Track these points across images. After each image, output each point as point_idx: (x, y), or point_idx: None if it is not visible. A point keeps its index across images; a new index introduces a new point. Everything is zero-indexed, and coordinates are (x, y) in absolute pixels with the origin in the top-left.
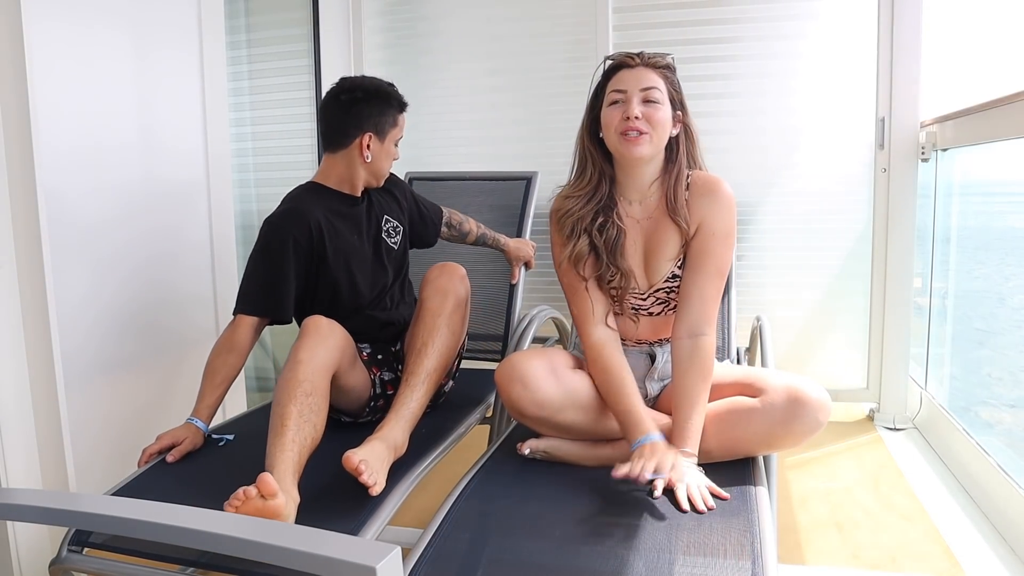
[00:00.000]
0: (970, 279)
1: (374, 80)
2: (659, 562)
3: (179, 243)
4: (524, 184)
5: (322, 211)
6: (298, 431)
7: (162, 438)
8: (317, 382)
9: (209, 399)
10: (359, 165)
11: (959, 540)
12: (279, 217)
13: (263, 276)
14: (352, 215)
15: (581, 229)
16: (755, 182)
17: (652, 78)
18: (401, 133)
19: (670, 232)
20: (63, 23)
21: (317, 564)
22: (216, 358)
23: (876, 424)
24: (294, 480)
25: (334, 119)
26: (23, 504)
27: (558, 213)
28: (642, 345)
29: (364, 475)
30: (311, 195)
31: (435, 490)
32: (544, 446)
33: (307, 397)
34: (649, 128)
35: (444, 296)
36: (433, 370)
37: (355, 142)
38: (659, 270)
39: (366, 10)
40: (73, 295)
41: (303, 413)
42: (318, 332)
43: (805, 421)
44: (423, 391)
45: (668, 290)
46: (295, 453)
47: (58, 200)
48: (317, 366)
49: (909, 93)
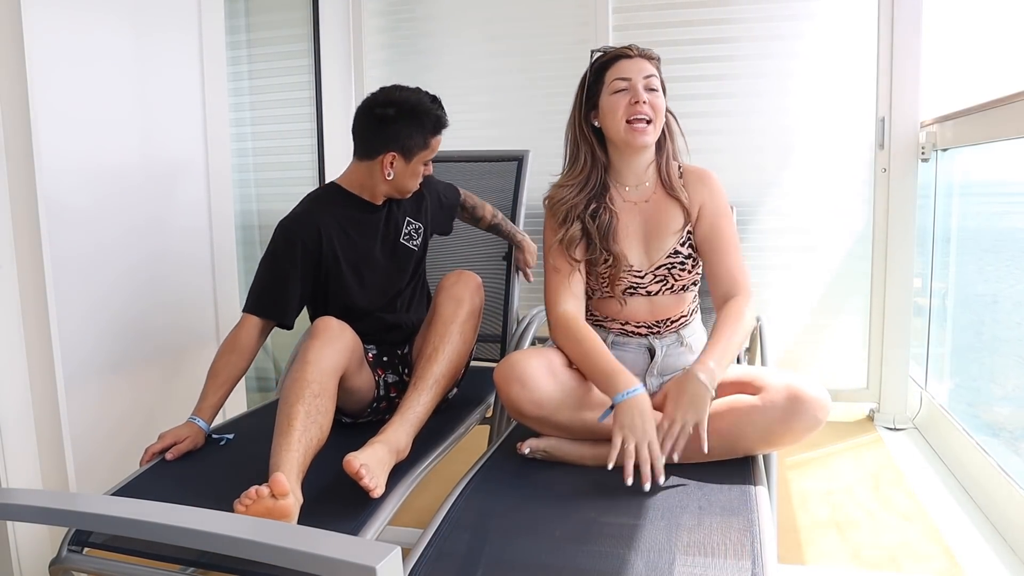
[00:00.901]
0: (979, 282)
1: (414, 96)
2: (659, 562)
3: (179, 243)
4: (516, 164)
5: (336, 217)
6: (304, 431)
7: (164, 437)
8: (325, 383)
9: (211, 399)
10: (380, 180)
11: (959, 540)
12: (291, 221)
13: (267, 279)
14: (369, 221)
15: (574, 216)
16: (755, 182)
17: (651, 67)
18: (432, 154)
19: (672, 210)
20: (63, 23)
21: (317, 564)
22: (219, 358)
23: (876, 424)
24: (298, 480)
25: (364, 131)
26: (23, 504)
27: (551, 200)
28: (640, 337)
29: (365, 479)
30: (328, 198)
31: (435, 490)
32: (544, 445)
33: (315, 398)
34: (653, 115)
35: (458, 304)
36: (442, 376)
37: (379, 158)
38: (661, 247)
39: (366, 10)
40: (73, 295)
41: (310, 414)
42: (328, 333)
43: (804, 418)
44: (430, 396)
45: (669, 266)
46: (300, 453)
47: (58, 200)
48: (326, 367)
49: (909, 93)
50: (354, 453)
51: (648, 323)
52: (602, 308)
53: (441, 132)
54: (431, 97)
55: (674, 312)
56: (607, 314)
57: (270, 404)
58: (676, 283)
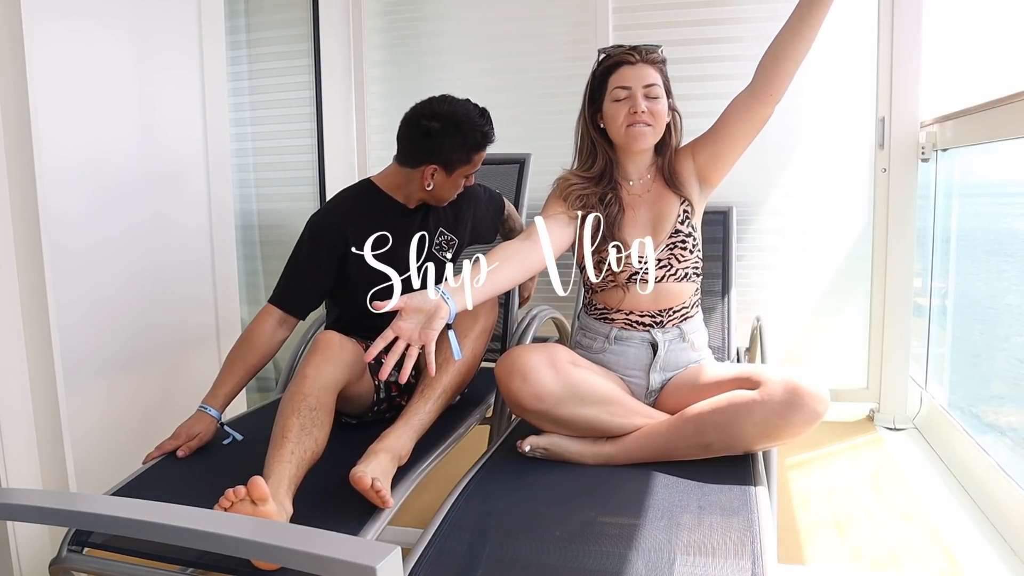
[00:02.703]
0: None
1: (461, 110)
2: (659, 562)
3: (179, 243)
4: (518, 167)
5: (367, 217)
6: (298, 443)
7: (178, 433)
8: (322, 397)
9: (225, 387)
10: (419, 188)
11: (959, 540)
12: (321, 217)
13: (289, 273)
14: (399, 225)
15: (587, 202)
16: (755, 182)
17: (652, 74)
18: (475, 168)
19: (670, 199)
20: (63, 23)
21: (317, 564)
22: (233, 347)
23: (876, 424)
24: (288, 492)
25: (408, 140)
26: (23, 504)
27: (563, 181)
28: (643, 331)
29: (383, 492)
30: (361, 198)
31: (435, 490)
32: (544, 443)
33: (311, 411)
34: (653, 121)
35: (474, 319)
36: (450, 387)
37: (420, 169)
38: (664, 228)
39: (366, 10)
40: (73, 295)
41: (304, 426)
42: (328, 349)
43: (804, 412)
44: (436, 405)
45: (671, 246)
46: (293, 465)
47: (58, 201)
48: (324, 383)
49: (909, 93)
50: (361, 467)
51: (651, 312)
52: (607, 300)
53: (486, 148)
54: (480, 111)
55: (676, 302)
56: (611, 305)
57: (270, 404)
58: (679, 265)
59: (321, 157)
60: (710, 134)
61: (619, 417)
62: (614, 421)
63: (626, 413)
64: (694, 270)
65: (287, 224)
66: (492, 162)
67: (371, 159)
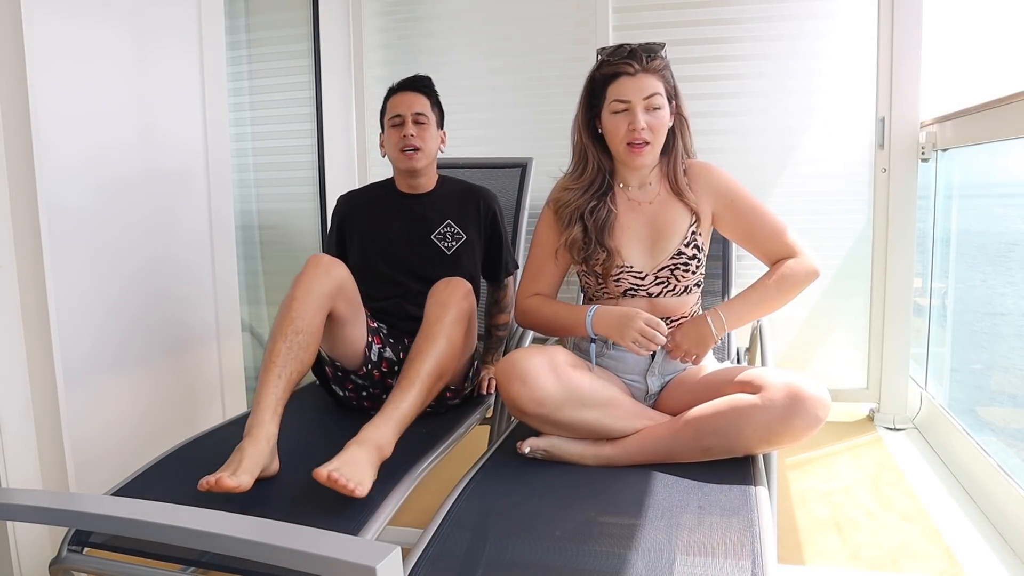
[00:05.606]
0: (979, 281)
1: None
2: (659, 562)
3: (179, 243)
4: (519, 171)
5: (370, 196)
6: (284, 367)
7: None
8: (308, 319)
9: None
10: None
11: (959, 540)
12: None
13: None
14: (398, 204)
15: (577, 217)
16: (755, 182)
17: (653, 84)
18: (395, 112)
19: (678, 211)
20: (63, 22)
21: (317, 564)
22: None
23: (876, 424)
24: (276, 412)
25: None
26: (23, 504)
27: (557, 204)
28: None
29: (340, 481)
30: (376, 186)
31: (435, 490)
32: (544, 445)
33: (296, 335)
34: (652, 137)
35: (444, 308)
36: (426, 375)
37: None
38: (666, 248)
39: (366, 10)
40: (73, 295)
41: (291, 349)
42: (318, 268)
43: (805, 417)
44: (415, 393)
45: (672, 268)
46: (280, 389)
47: (58, 200)
48: (311, 304)
49: (909, 93)
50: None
51: None
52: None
53: (403, 90)
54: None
55: (675, 313)
56: None
57: None
58: (678, 284)
59: (321, 157)
60: (740, 220)
61: (619, 420)
62: (615, 424)
63: (626, 416)
64: (696, 284)
65: (287, 224)
66: (494, 165)
67: (371, 159)
